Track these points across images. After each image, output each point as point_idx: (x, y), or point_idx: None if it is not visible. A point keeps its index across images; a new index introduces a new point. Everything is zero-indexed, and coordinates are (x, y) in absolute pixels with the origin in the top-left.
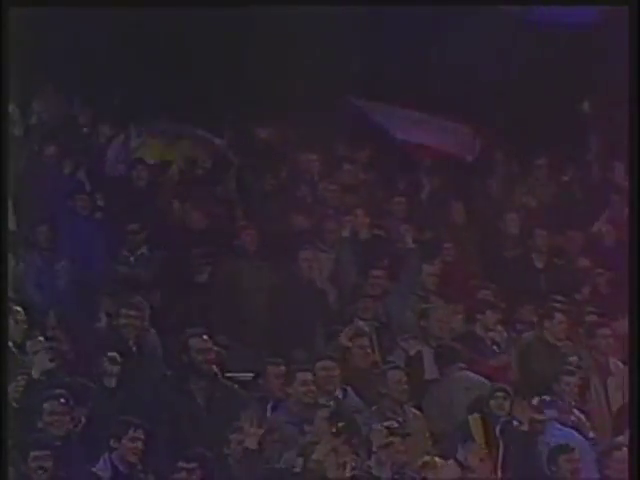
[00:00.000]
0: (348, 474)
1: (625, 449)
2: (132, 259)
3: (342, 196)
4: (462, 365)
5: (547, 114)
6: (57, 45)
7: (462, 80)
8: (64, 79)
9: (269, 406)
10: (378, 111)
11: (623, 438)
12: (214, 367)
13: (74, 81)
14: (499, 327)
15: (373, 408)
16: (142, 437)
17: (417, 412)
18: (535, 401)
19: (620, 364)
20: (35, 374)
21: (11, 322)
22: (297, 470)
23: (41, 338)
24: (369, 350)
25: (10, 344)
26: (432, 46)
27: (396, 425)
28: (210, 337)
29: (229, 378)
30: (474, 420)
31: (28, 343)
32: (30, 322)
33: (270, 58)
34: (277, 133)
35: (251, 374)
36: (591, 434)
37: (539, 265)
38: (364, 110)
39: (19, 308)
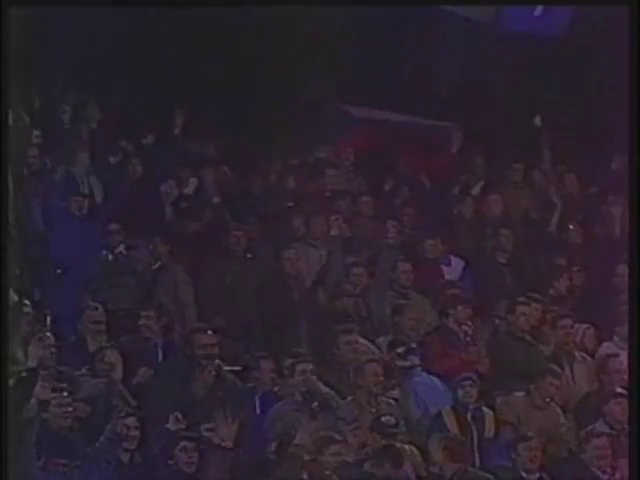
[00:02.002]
0: (330, 457)
1: (604, 437)
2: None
3: (328, 198)
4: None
5: (509, 122)
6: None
7: (435, 84)
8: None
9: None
10: (363, 115)
11: (599, 425)
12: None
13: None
14: (470, 321)
15: (348, 399)
16: (137, 424)
17: (392, 402)
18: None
19: (584, 355)
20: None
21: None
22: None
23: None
24: (356, 346)
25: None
26: (409, 53)
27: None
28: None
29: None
30: (446, 411)
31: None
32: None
33: (260, 62)
34: (264, 138)
35: (239, 367)
36: (562, 419)
37: (503, 261)
38: (349, 113)
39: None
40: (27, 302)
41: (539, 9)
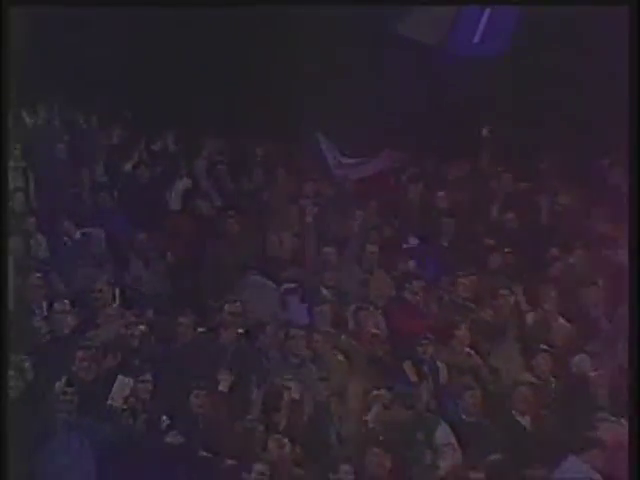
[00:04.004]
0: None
1: (527, 386)
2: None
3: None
4: None
5: (453, 134)
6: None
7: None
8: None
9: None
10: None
11: (524, 376)
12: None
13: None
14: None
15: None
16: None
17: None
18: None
19: (516, 318)
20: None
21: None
22: None
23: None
24: (331, 315)
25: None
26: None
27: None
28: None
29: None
30: (407, 364)
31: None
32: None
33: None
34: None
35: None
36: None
37: (445, 244)
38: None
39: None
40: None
41: (478, 35)
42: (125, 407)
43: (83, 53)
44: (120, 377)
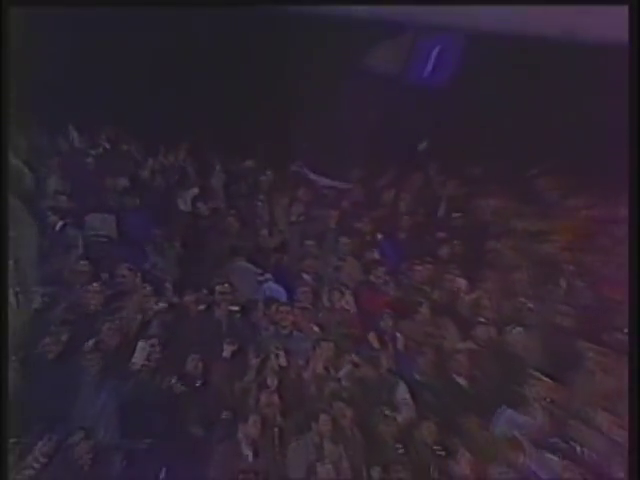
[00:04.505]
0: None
1: (466, 352)
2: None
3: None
4: None
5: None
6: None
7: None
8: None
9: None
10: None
11: (464, 344)
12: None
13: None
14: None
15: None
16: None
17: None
18: None
19: (460, 298)
20: None
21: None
22: None
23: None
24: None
25: None
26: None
27: None
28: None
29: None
30: (371, 335)
31: None
32: None
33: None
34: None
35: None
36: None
37: (404, 237)
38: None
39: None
40: None
41: (430, 65)
42: (144, 365)
43: (105, 78)
44: (141, 343)
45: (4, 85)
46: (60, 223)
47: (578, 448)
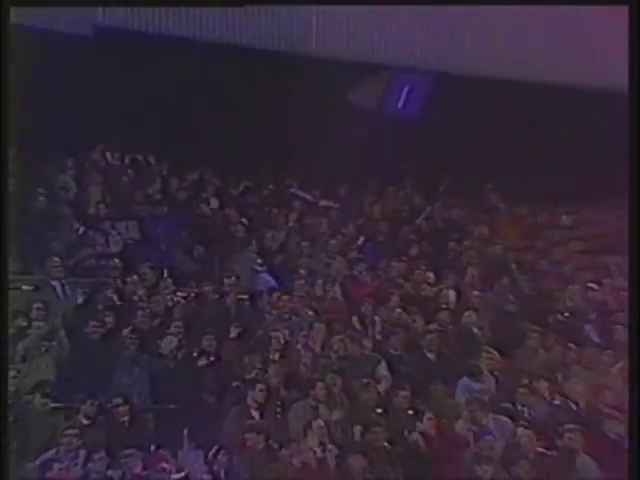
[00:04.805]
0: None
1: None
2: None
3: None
4: None
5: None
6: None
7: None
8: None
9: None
10: None
11: (434, 325)
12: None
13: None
14: (366, 271)
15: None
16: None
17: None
18: None
19: (425, 287)
20: None
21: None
22: None
23: None
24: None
25: None
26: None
27: None
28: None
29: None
30: (354, 318)
31: None
32: None
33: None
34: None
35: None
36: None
37: (382, 240)
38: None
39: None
40: None
41: (402, 100)
42: (171, 352)
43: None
44: (170, 337)
45: (4, 86)
46: (105, 224)
47: (525, 411)
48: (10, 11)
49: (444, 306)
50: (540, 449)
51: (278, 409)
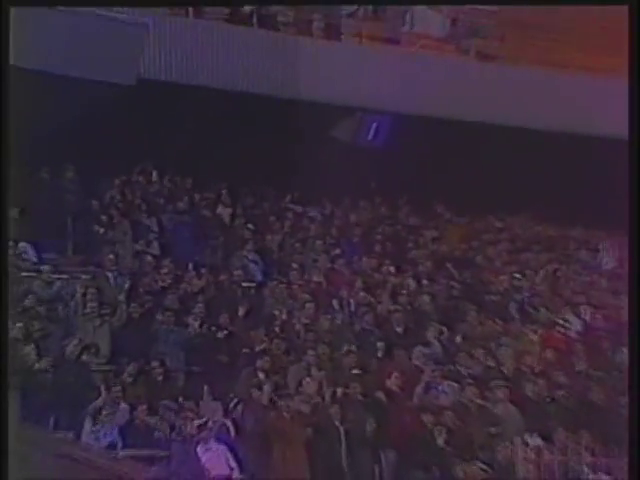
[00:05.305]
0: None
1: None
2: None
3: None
4: None
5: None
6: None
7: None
8: None
9: None
10: None
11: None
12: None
13: None
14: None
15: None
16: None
17: None
18: None
19: (391, 279)
20: None
21: None
22: None
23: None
24: (298, 276)
25: None
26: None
27: None
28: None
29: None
30: (335, 301)
31: None
32: None
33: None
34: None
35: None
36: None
37: (356, 241)
38: None
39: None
40: None
41: (371, 134)
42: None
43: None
44: (196, 322)
45: (4, 84)
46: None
47: (464, 371)
48: (10, 11)
49: (403, 292)
50: (479, 400)
51: (280, 371)
